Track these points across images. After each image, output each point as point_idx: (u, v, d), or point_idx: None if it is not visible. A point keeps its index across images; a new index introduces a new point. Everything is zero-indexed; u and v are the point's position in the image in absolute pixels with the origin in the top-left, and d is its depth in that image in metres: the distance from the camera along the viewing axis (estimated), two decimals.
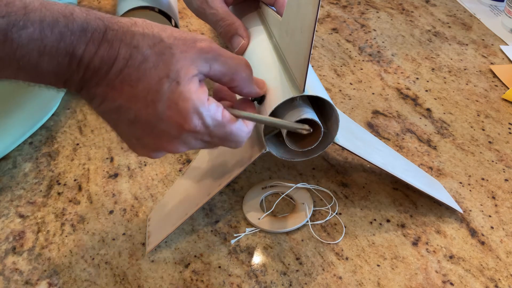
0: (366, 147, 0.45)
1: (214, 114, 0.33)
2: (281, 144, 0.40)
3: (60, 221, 0.45)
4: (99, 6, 0.80)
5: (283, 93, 0.38)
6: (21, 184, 0.49)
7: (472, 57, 0.67)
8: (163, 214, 0.44)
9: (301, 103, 0.39)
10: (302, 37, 0.36)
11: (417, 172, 0.47)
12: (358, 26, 0.75)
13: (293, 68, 0.39)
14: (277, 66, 0.41)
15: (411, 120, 0.56)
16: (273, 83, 0.39)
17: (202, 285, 0.40)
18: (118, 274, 0.41)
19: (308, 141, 0.40)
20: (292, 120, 0.37)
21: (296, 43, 0.38)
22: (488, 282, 0.39)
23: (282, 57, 0.42)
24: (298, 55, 0.37)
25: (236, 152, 0.43)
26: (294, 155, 0.41)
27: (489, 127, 0.55)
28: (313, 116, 0.38)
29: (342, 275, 0.40)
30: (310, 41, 0.34)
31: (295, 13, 0.38)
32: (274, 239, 0.43)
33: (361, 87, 0.61)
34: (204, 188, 0.43)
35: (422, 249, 0.42)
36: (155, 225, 0.43)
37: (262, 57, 0.43)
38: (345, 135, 0.42)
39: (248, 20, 0.50)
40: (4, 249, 0.43)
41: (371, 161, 0.42)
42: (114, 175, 0.49)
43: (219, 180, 0.42)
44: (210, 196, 0.41)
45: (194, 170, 0.47)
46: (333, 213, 0.45)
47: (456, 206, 0.45)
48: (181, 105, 0.32)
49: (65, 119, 0.57)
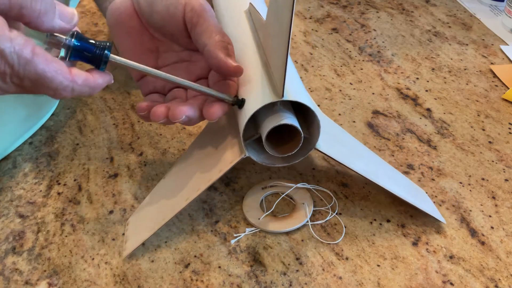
0: (350, 154, 0.44)
1: (20, 50, 0.28)
2: (262, 149, 0.39)
3: (60, 221, 0.45)
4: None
5: (263, 97, 0.37)
6: (21, 184, 0.49)
7: (472, 57, 0.67)
8: (141, 219, 0.44)
9: (281, 108, 0.38)
10: (280, 40, 0.35)
11: (402, 181, 0.46)
12: (358, 26, 0.75)
13: (273, 72, 0.38)
14: (260, 70, 0.40)
15: (411, 120, 0.56)
16: (255, 87, 0.39)
17: (202, 285, 0.40)
18: (118, 274, 0.41)
19: (289, 146, 0.39)
20: (271, 126, 0.36)
21: (276, 46, 0.37)
22: (488, 282, 0.39)
23: (265, 60, 0.41)
24: (277, 59, 0.36)
25: (216, 156, 0.42)
26: (274, 160, 0.41)
27: (489, 127, 0.55)
28: (293, 121, 0.37)
29: (342, 275, 0.40)
30: (286, 44, 0.33)
31: (274, 16, 0.37)
32: (274, 239, 0.43)
33: (361, 87, 0.61)
34: (182, 193, 0.43)
35: (422, 249, 0.42)
36: (132, 230, 0.43)
37: (247, 59, 0.42)
38: (327, 141, 0.41)
39: (236, 22, 0.50)
40: (4, 249, 0.43)
41: (353, 168, 0.41)
42: (114, 175, 0.49)
43: (198, 185, 0.42)
44: (188, 201, 0.41)
45: (174, 174, 0.46)
46: (333, 213, 0.45)
47: (439, 216, 0.44)
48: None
49: (65, 119, 0.57)
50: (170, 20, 0.40)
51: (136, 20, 0.42)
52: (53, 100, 0.57)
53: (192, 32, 0.40)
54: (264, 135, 0.37)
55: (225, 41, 0.39)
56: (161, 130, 0.55)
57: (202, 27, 0.39)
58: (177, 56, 0.43)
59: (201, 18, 0.39)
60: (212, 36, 0.39)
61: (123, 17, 0.42)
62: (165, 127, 0.55)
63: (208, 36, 0.39)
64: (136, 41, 0.42)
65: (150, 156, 0.52)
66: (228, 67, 0.38)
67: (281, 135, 0.38)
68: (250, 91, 0.39)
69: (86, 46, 0.34)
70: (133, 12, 0.42)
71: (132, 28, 0.42)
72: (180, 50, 0.43)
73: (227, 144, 0.42)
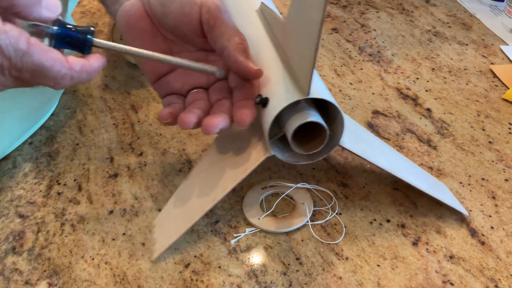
0: (371, 150, 0.45)
1: (15, 43, 0.29)
2: (286, 147, 0.40)
3: (60, 221, 0.45)
4: (99, 6, 0.80)
5: (287, 96, 0.37)
6: (21, 184, 0.49)
7: (472, 57, 0.67)
8: (168, 221, 0.44)
9: (305, 105, 0.38)
10: (307, 40, 0.36)
11: (421, 174, 0.47)
12: (358, 26, 0.75)
13: (297, 71, 0.38)
14: (280, 68, 0.40)
15: (411, 120, 0.56)
16: (277, 86, 0.39)
17: (202, 285, 0.40)
18: (118, 274, 0.41)
19: (314, 144, 0.39)
20: (297, 124, 0.37)
21: (301, 46, 0.37)
22: (488, 282, 0.39)
23: (285, 59, 0.41)
24: (302, 58, 0.37)
25: (241, 156, 0.42)
26: (299, 158, 0.41)
27: (489, 127, 0.55)
28: (319, 119, 0.37)
29: (342, 275, 0.40)
30: (315, 43, 0.34)
31: (299, 16, 0.37)
32: (274, 239, 0.43)
33: (361, 87, 0.61)
34: (209, 193, 0.43)
35: (422, 249, 0.42)
36: (160, 232, 0.43)
37: (265, 58, 0.43)
38: (350, 137, 0.41)
39: (248, 21, 0.50)
40: (4, 249, 0.43)
41: (377, 164, 0.42)
42: (114, 175, 0.49)
43: (224, 185, 0.42)
44: (215, 202, 0.41)
45: (197, 175, 0.46)
46: (333, 213, 0.45)
47: (461, 208, 0.45)
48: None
49: (65, 119, 0.57)
50: (184, 20, 0.40)
51: (147, 22, 0.42)
52: (53, 99, 0.57)
53: (209, 34, 0.40)
54: (291, 133, 0.37)
55: (244, 44, 0.39)
56: (161, 130, 0.55)
57: (220, 29, 0.39)
58: (191, 56, 0.43)
59: (218, 20, 0.39)
60: (231, 38, 0.39)
61: (134, 19, 0.41)
62: (165, 127, 0.55)
63: (227, 39, 0.39)
64: (148, 42, 0.42)
65: (150, 156, 0.52)
66: (249, 71, 0.38)
67: (305, 133, 0.38)
68: (273, 90, 0.39)
69: (69, 32, 0.34)
70: (144, 14, 0.41)
71: (143, 30, 0.42)
72: (194, 50, 0.43)
73: (249, 143, 0.43)
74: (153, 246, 0.42)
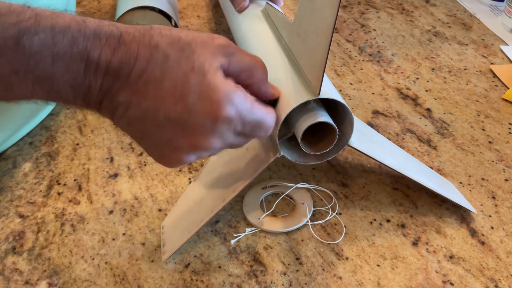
0: (380, 149, 0.45)
1: (244, 100, 0.33)
2: (294, 147, 0.40)
3: (60, 221, 0.45)
4: (99, 7, 0.80)
5: (296, 96, 0.37)
6: (21, 184, 0.49)
7: (472, 57, 0.67)
8: (178, 222, 0.43)
9: (315, 106, 0.38)
10: (318, 40, 0.36)
11: (430, 174, 0.47)
12: (358, 26, 0.75)
13: (306, 71, 0.38)
14: (288, 69, 0.40)
15: (411, 120, 0.56)
16: (285, 86, 0.39)
17: (202, 285, 0.40)
18: (118, 274, 0.41)
19: (323, 144, 0.39)
20: (308, 124, 0.37)
21: (310, 46, 0.37)
22: (488, 282, 0.39)
23: (293, 59, 0.41)
24: (312, 58, 0.37)
25: (249, 157, 0.42)
26: (308, 158, 0.41)
27: (489, 127, 0.55)
28: (328, 119, 0.37)
29: (342, 275, 0.40)
30: (327, 44, 0.34)
31: (309, 16, 0.37)
32: (274, 239, 0.43)
33: (361, 87, 0.61)
34: (218, 194, 0.43)
35: (422, 249, 0.42)
36: (170, 233, 0.43)
37: (272, 59, 0.43)
38: (358, 137, 0.42)
39: (253, 21, 0.50)
40: (4, 249, 0.43)
41: (386, 163, 0.42)
42: (114, 175, 0.49)
43: (234, 185, 0.42)
44: (225, 202, 0.41)
45: (206, 176, 0.46)
46: (333, 213, 0.45)
47: (469, 206, 0.45)
48: (212, 94, 0.31)
49: (65, 119, 0.57)
50: None
51: None
52: None
53: None
54: (300, 134, 0.37)
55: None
56: None
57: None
58: None
59: None
60: None
61: None
62: None
63: None
64: None
65: None
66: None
67: (313, 133, 0.38)
68: (282, 90, 0.39)
69: None
70: None
71: None
72: None
73: (257, 144, 0.43)
74: (162, 248, 0.42)
